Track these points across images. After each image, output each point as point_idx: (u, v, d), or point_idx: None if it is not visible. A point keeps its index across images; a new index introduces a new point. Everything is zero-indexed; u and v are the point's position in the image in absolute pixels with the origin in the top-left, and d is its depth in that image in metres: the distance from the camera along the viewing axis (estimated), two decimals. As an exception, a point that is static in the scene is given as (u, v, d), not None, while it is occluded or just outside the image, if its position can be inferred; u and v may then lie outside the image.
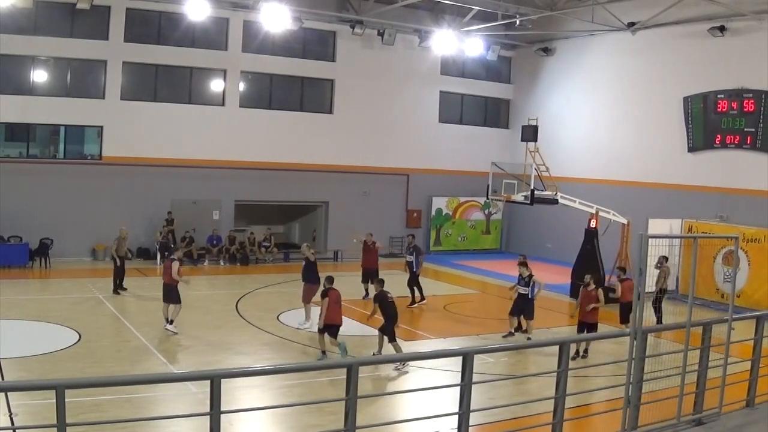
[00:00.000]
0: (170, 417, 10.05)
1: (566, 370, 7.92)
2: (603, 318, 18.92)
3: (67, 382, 6.00)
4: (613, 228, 21.68)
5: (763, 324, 9.68)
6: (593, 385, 9.91)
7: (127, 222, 23.82)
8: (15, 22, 22.22)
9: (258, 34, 25.86)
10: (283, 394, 11.54)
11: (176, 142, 25.24)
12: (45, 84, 24.04)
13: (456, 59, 30.00)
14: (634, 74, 26.20)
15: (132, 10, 24.33)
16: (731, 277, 10.55)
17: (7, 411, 9.76)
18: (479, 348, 11.87)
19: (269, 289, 21.33)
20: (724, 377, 9.14)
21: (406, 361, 13.27)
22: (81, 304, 17.64)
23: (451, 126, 30.46)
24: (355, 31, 26.65)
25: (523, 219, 30.20)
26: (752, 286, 19.70)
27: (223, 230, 26.10)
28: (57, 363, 12.83)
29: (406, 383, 12.59)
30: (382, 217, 28.64)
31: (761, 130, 22.14)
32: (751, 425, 9.13)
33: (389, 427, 9.86)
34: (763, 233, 19.74)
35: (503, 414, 10.20)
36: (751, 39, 22.12)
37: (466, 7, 25.87)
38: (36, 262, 22.93)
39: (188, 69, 25.82)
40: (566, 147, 28.10)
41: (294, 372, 11.95)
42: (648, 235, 8.08)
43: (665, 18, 24.27)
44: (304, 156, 27.26)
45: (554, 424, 8.00)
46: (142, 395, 10.79)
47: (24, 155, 24.08)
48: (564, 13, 25.70)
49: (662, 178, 24.79)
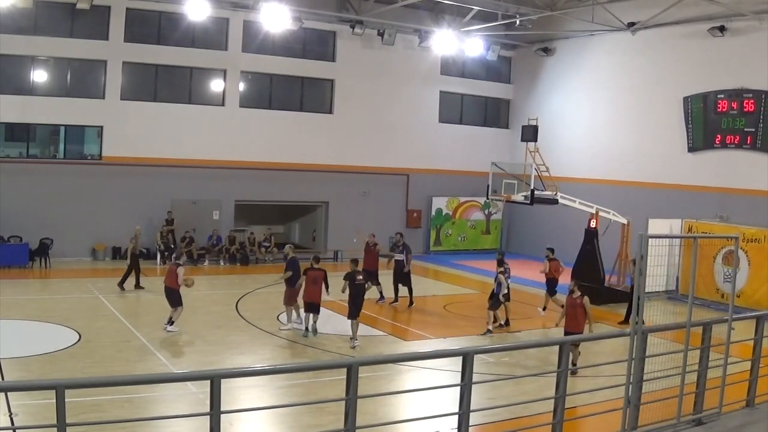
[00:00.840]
0: (170, 417, 10.05)
1: (566, 370, 7.93)
2: (602, 318, 18.99)
3: (67, 382, 6.01)
4: (613, 228, 21.68)
5: (763, 324, 9.68)
6: (593, 385, 9.90)
7: (127, 222, 23.92)
8: (15, 22, 22.22)
9: (258, 34, 25.86)
10: (283, 394, 11.54)
11: (176, 142, 25.25)
12: (45, 84, 24.04)
13: (456, 59, 30.00)
14: (634, 74, 26.21)
15: (132, 10, 24.33)
16: (731, 277, 10.55)
17: (7, 411, 9.76)
18: (479, 348, 11.86)
19: (269, 289, 21.29)
20: (724, 377, 9.14)
21: (407, 361, 13.28)
22: (81, 304, 17.63)
23: (451, 126, 30.46)
24: (355, 31, 26.66)
25: (523, 219, 30.20)
26: (752, 286, 19.70)
27: (223, 230, 26.10)
28: (57, 363, 12.83)
29: (406, 383, 12.59)
30: (382, 217, 28.64)
31: (761, 130, 22.15)
32: (751, 425, 9.13)
33: (389, 427, 9.86)
34: (763, 233, 19.73)
35: (503, 414, 10.20)
36: (751, 39, 22.13)
37: (466, 7, 25.87)
38: (36, 262, 22.93)
39: (188, 69, 25.83)
40: (566, 147, 28.11)
41: (294, 372, 11.96)
42: (648, 235, 8.08)
43: (665, 18, 24.28)
44: (304, 156, 27.26)
45: (554, 424, 8.00)
46: (142, 395, 10.79)
47: (24, 155, 24.08)
48: (564, 13, 25.70)
49: (662, 178, 24.80)
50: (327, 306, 18.79)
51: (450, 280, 24.58)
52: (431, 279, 24.81)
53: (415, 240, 29.98)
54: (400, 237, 20.90)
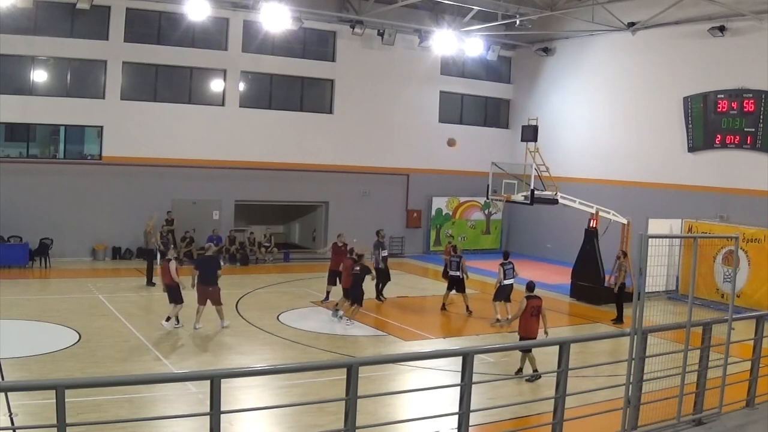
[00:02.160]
0: (170, 417, 10.05)
1: (566, 370, 7.92)
2: (600, 317, 19.00)
3: (67, 382, 6.00)
4: (613, 228, 21.67)
5: (763, 324, 9.68)
6: (593, 385, 9.90)
7: (127, 222, 23.97)
8: (15, 22, 22.22)
9: (258, 34, 25.86)
10: (283, 394, 11.54)
11: (176, 142, 25.25)
12: (45, 84, 24.04)
13: (456, 59, 30.00)
14: (634, 74, 26.21)
15: (132, 10, 24.33)
16: (731, 277, 10.55)
17: (7, 411, 9.76)
18: (479, 348, 11.88)
19: (269, 289, 21.34)
20: (724, 377, 9.13)
21: (407, 361, 13.28)
22: (81, 304, 17.63)
23: (451, 126, 30.41)
24: (355, 31, 26.65)
25: (523, 219, 30.20)
26: (752, 286, 19.70)
27: (223, 230, 26.09)
28: (57, 363, 12.82)
29: (406, 383, 12.59)
30: (382, 217, 28.65)
31: (761, 130, 22.15)
32: (751, 425, 9.13)
33: (389, 427, 9.86)
34: (763, 233, 19.73)
35: (503, 414, 10.21)
36: (751, 39, 22.13)
37: (466, 7, 25.87)
38: (36, 262, 22.93)
39: (188, 69, 25.82)
40: (566, 147, 28.11)
41: (294, 372, 11.95)
42: (648, 235, 8.07)
43: (665, 18, 24.28)
44: (304, 156, 27.26)
45: (554, 424, 8.00)
46: (142, 395, 10.79)
47: (24, 155, 24.08)
48: (564, 13, 25.69)
49: (662, 178, 24.80)
50: (327, 306, 18.85)
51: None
52: (431, 279, 24.78)
53: (415, 240, 30.06)
54: (382, 236, 20.94)
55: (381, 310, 19.00)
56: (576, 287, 21.49)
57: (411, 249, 29.72)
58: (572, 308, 20.59)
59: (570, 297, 21.44)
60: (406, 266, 26.96)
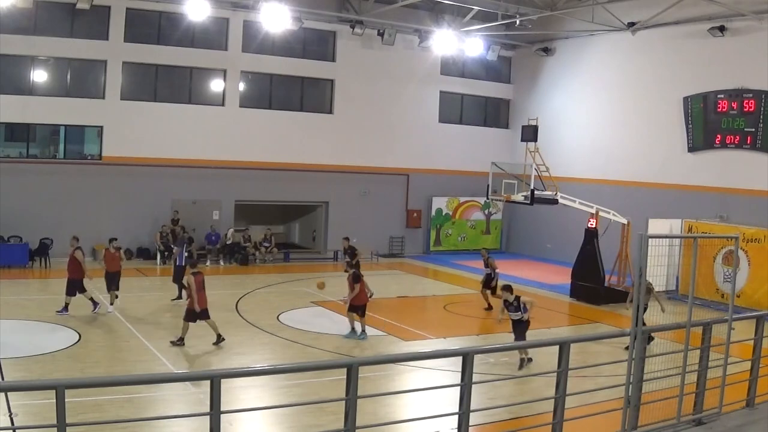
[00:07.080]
0: (170, 417, 10.04)
1: (566, 370, 7.91)
2: (601, 317, 19.00)
3: (67, 382, 6.00)
4: (613, 228, 21.67)
5: (763, 324, 9.68)
6: (593, 385, 9.90)
7: (127, 222, 23.96)
8: (15, 22, 22.21)
9: (258, 34, 25.86)
10: (283, 394, 11.54)
11: (176, 142, 25.24)
12: (45, 84, 24.03)
13: (456, 59, 30.00)
14: (634, 74, 26.20)
15: (132, 10, 24.33)
16: (731, 277, 10.54)
17: (7, 411, 9.76)
18: (479, 348, 11.87)
19: (269, 289, 21.33)
20: (724, 377, 9.13)
21: (407, 361, 13.26)
22: (81, 304, 17.61)
23: (451, 126, 30.45)
24: (355, 31, 26.65)
25: (523, 219, 30.21)
26: (752, 286, 19.69)
27: (223, 230, 26.08)
28: (57, 363, 12.82)
29: (406, 383, 12.59)
30: (382, 217, 28.68)
31: (761, 130, 22.14)
32: (751, 425, 9.13)
33: (389, 427, 9.85)
34: (763, 233, 19.73)
35: (503, 414, 10.20)
36: (751, 39, 22.12)
37: (466, 7, 25.88)
38: (36, 262, 22.94)
39: (188, 69, 25.82)
40: (566, 147, 28.11)
41: (294, 372, 11.94)
42: (648, 235, 8.06)
43: (665, 18, 24.27)
44: (304, 156, 27.26)
45: (554, 424, 7.99)
46: (142, 395, 10.78)
47: (24, 155, 24.08)
48: (564, 13, 25.69)
49: (662, 178, 24.79)
50: (327, 306, 18.86)
51: (450, 280, 24.56)
52: (431, 279, 24.79)
53: (415, 240, 30.06)
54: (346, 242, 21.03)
55: (381, 310, 18.98)
56: (576, 287, 21.49)
57: (411, 249, 29.72)
58: (572, 308, 20.59)
59: (570, 297, 21.44)
60: (406, 266, 26.97)
